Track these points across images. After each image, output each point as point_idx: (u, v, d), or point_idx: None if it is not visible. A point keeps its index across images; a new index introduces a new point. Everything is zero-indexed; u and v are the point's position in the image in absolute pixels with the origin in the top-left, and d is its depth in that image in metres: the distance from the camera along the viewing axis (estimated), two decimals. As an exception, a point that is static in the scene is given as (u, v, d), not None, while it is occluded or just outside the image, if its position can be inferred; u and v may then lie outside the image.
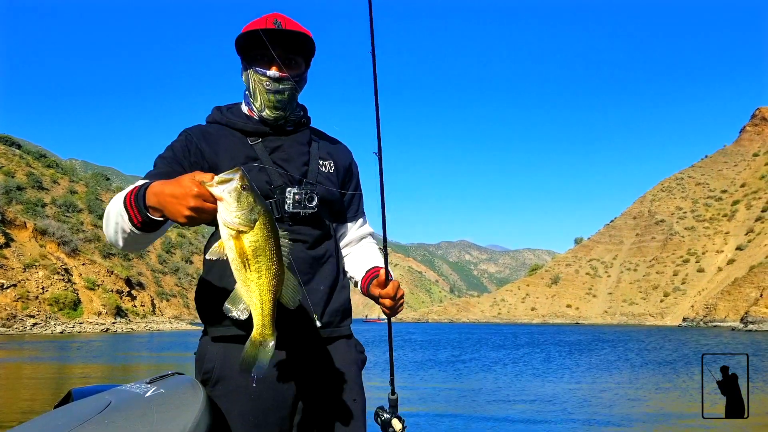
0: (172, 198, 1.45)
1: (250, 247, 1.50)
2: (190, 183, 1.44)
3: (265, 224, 1.50)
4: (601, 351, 38.98)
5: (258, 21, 1.93)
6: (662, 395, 17.17)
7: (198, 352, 1.96)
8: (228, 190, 1.46)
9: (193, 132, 1.99)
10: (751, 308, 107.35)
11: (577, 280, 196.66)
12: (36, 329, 63.07)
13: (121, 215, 1.62)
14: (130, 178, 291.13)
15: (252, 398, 1.83)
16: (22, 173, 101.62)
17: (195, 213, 1.45)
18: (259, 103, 1.98)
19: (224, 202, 1.46)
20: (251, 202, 1.48)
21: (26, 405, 12.94)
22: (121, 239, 1.67)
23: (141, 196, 1.57)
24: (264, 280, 1.52)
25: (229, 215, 1.47)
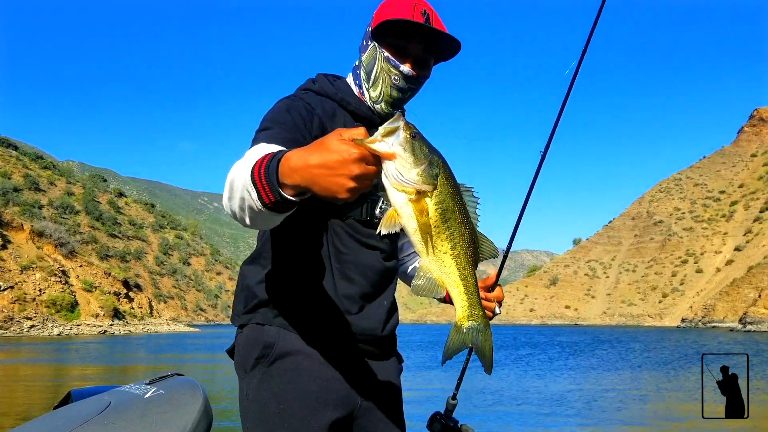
0: (326, 170, 1.16)
1: (437, 209, 1.26)
2: (344, 145, 1.16)
3: (448, 179, 1.27)
4: (601, 352, 39.02)
5: (401, 5, 1.72)
6: (662, 395, 17.19)
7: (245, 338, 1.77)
8: (398, 142, 1.21)
9: (313, 102, 1.76)
10: (750, 309, 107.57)
11: (575, 281, 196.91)
12: (33, 331, 62.90)
13: (248, 191, 1.30)
14: (127, 179, 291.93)
15: (316, 380, 1.69)
16: (19, 175, 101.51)
17: (359, 183, 1.17)
18: (378, 93, 1.79)
19: (396, 158, 1.21)
20: (427, 153, 1.24)
21: (24, 407, 12.86)
22: (248, 218, 1.37)
23: (273, 169, 1.25)
24: (460, 250, 1.30)
25: (405, 174, 1.22)
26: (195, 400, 2.26)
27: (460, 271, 1.31)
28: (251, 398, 1.69)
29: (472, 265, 1.33)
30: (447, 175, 1.27)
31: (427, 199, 1.24)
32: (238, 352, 1.77)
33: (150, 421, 2.11)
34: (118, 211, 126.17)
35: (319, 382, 1.69)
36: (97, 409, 2.11)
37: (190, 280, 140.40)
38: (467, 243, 1.31)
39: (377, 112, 1.83)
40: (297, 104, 1.73)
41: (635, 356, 34.93)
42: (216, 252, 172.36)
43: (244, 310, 1.78)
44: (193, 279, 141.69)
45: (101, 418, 2.05)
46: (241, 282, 1.84)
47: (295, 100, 1.75)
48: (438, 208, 1.26)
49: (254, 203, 1.29)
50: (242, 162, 1.38)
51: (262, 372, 1.69)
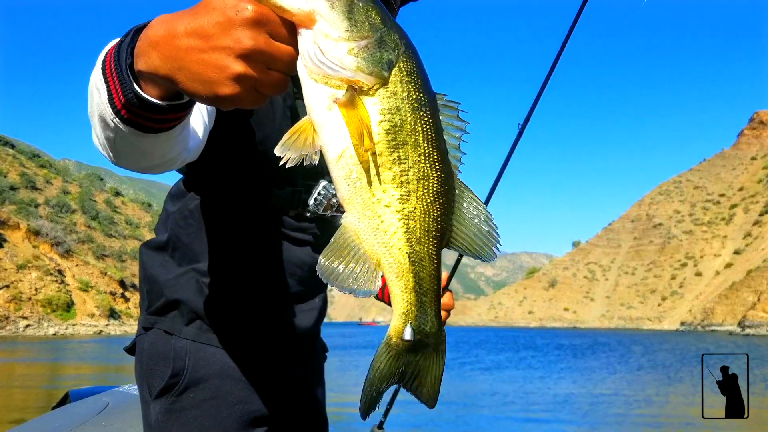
0: (199, 40, 0.73)
1: (383, 122, 0.78)
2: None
3: (411, 72, 0.79)
4: (601, 354, 39.27)
5: None
6: (663, 396, 17.29)
7: (149, 346, 1.46)
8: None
9: None
10: (749, 312, 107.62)
11: (574, 283, 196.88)
12: (29, 331, 62.77)
13: (98, 89, 0.87)
14: (123, 178, 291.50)
15: (237, 405, 1.42)
16: (15, 173, 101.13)
17: (252, 66, 0.74)
18: None
19: (319, 22, 0.75)
20: (378, 22, 0.78)
21: (20, 407, 12.82)
22: (105, 142, 0.94)
23: (125, 48, 0.82)
24: (416, 204, 0.81)
25: (332, 50, 0.75)
26: None
27: (410, 246, 0.81)
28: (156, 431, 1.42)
29: (434, 239, 0.83)
30: (410, 64, 0.79)
31: (366, 100, 0.77)
32: (141, 361, 1.48)
33: None
34: (115, 211, 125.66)
35: (239, 407, 1.41)
36: (95, 409, 2.14)
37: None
38: (432, 194, 0.81)
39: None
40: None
41: (635, 359, 35.36)
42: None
43: (150, 310, 1.48)
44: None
45: (100, 418, 2.08)
46: (144, 270, 1.53)
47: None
48: (385, 120, 0.78)
49: (105, 110, 0.86)
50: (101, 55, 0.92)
51: (170, 402, 1.39)
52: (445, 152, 0.81)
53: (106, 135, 0.91)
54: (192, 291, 1.44)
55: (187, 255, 1.46)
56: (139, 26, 0.82)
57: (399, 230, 0.80)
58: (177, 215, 1.48)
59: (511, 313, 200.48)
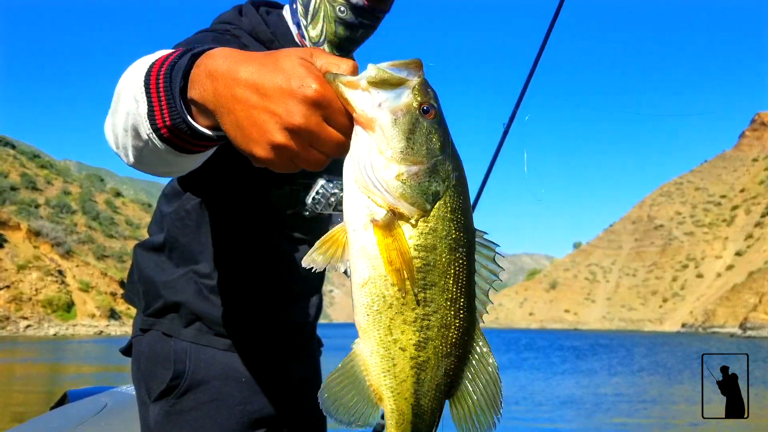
0: (256, 95, 0.71)
1: (417, 258, 0.73)
2: (303, 69, 0.71)
3: (456, 210, 0.74)
4: (603, 355, 39.24)
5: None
6: (663, 396, 17.47)
7: (149, 348, 1.45)
8: (393, 106, 0.72)
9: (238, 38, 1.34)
10: (750, 314, 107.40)
11: (575, 285, 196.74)
12: (29, 331, 62.71)
13: (136, 100, 0.85)
14: (124, 179, 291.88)
15: (237, 407, 1.42)
16: (16, 173, 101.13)
17: (295, 143, 0.71)
18: (318, 31, 1.35)
19: (376, 133, 0.72)
20: (436, 149, 0.74)
21: (20, 407, 12.73)
22: (131, 149, 0.91)
23: (181, 69, 0.80)
24: (431, 354, 0.76)
25: (382, 168, 0.71)
26: None
27: (416, 399, 0.77)
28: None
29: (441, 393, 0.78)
30: (456, 200, 0.75)
31: (406, 229, 0.73)
32: (140, 362, 1.47)
33: None
34: (115, 211, 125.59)
35: (240, 408, 1.41)
36: (93, 410, 2.13)
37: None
38: (450, 346, 0.76)
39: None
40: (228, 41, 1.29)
41: (637, 360, 35.38)
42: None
43: (148, 311, 1.48)
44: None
45: (98, 419, 2.07)
46: (140, 272, 1.52)
47: (224, 35, 1.32)
48: (419, 258, 0.73)
49: (141, 124, 0.84)
50: (139, 62, 0.93)
51: (170, 404, 1.39)
52: (473, 298, 0.77)
53: (133, 144, 0.89)
54: (191, 292, 1.43)
55: (184, 256, 1.44)
56: (196, 51, 0.80)
57: (409, 378, 0.75)
58: (173, 216, 1.45)
59: (511, 314, 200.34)
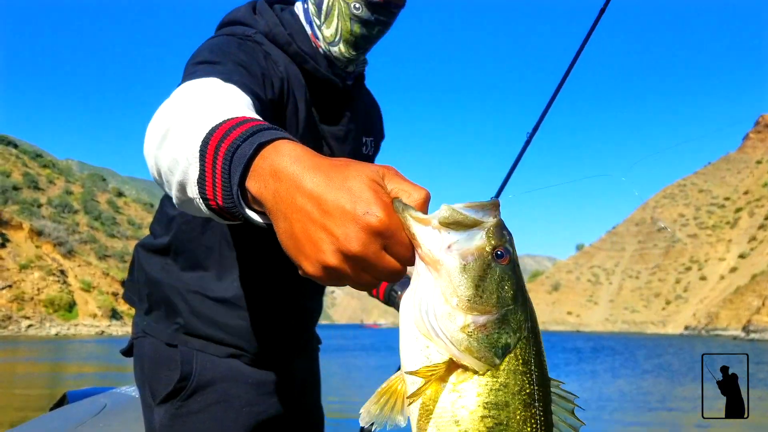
0: (317, 210, 0.67)
1: (487, 417, 0.66)
2: (371, 193, 0.66)
3: (528, 363, 0.68)
4: (606, 357, 39.26)
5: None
6: (664, 397, 17.60)
7: (153, 349, 1.43)
8: (465, 251, 0.66)
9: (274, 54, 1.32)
10: (753, 317, 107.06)
11: (578, 287, 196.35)
12: (31, 331, 62.72)
13: (188, 161, 0.80)
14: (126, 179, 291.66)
15: (244, 408, 1.41)
16: (18, 173, 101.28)
17: (348, 268, 0.67)
18: (333, 30, 1.34)
19: (443, 276, 0.66)
20: (509, 298, 0.68)
21: (21, 407, 12.68)
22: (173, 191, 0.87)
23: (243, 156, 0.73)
24: None
25: (445, 316, 0.65)
26: None
27: None
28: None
29: None
30: (529, 351, 0.69)
31: (469, 384, 0.66)
32: (143, 364, 1.45)
33: None
34: (117, 211, 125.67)
35: (246, 410, 1.40)
36: (92, 410, 2.13)
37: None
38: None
39: (334, 59, 1.39)
40: (252, 48, 1.28)
41: (640, 362, 35.30)
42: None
43: (152, 314, 1.47)
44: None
45: (97, 420, 2.07)
46: (144, 273, 1.49)
47: (246, 42, 1.30)
48: (489, 417, 0.66)
49: (190, 187, 0.81)
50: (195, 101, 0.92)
51: (176, 407, 1.36)
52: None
53: (176, 196, 0.86)
54: (197, 298, 1.41)
55: (191, 260, 1.42)
56: (263, 140, 0.73)
57: None
58: (180, 219, 1.42)
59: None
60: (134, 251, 1.53)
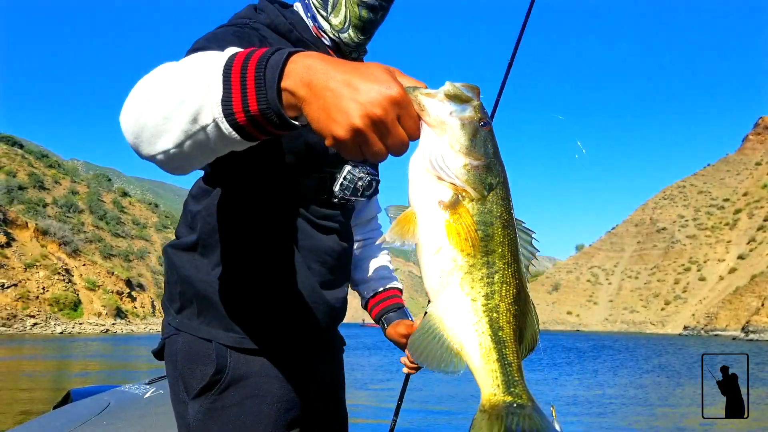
0: (347, 89, 0.83)
1: (480, 228, 0.89)
2: (388, 76, 0.85)
3: (505, 198, 0.91)
4: (606, 357, 39.28)
5: None
6: (664, 397, 17.45)
7: (187, 345, 1.45)
8: (461, 115, 0.88)
9: (271, 38, 1.41)
10: (753, 317, 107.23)
11: (577, 287, 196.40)
12: (36, 329, 63.06)
13: (207, 87, 0.90)
14: (131, 179, 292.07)
15: (275, 404, 1.43)
16: (24, 173, 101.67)
17: (372, 131, 0.83)
18: (341, 18, 1.44)
19: (447, 134, 0.87)
20: (491, 153, 0.90)
21: (24, 405, 12.81)
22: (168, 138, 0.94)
23: (277, 62, 0.87)
24: (500, 301, 0.91)
25: (451, 160, 0.88)
26: None
27: (494, 332, 0.90)
28: (195, 430, 1.40)
29: (514, 330, 0.92)
30: (504, 192, 0.91)
31: (469, 206, 0.88)
32: (176, 362, 1.45)
33: (149, 421, 2.15)
34: (122, 211, 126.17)
35: (277, 405, 1.42)
36: (96, 408, 2.11)
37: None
38: (512, 297, 0.91)
39: (343, 45, 1.48)
40: (248, 34, 1.35)
41: (640, 362, 35.31)
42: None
43: (184, 311, 1.48)
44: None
45: (101, 418, 2.04)
46: (177, 272, 1.49)
47: (244, 29, 1.36)
48: (480, 229, 0.89)
49: (210, 109, 0.89)
50: (187, 60, 0.98)
51: (211, 401, 1.39)
52: (521, 266, 0.93)
53: (182, 128, 0.92)
54: (226, 290, 1.43)
55: (218, 253, 1.44)
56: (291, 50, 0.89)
57: (483, 319, 0.89)
58: (204, 213, 1.44)
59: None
60: (164, 254, 1.55)
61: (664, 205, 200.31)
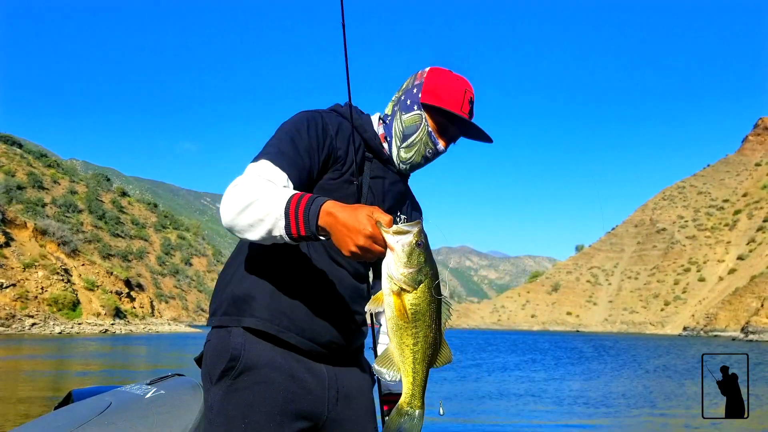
0: (344, 228, 1.42)
1: (411, 309, 1.43)
2: (366, 220, 1.40)
3: (429, 288, 1.44)
4: (607, 357, 39.45)
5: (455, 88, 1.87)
6: (664, 397, 17.55)
7: (212, 346, 1.79)
8: (402, 242, 1.41)
9: (331, 121, 1.84)
10: (752, 318, 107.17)
11: (577, 287, 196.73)
12: (35, 329, 62.90)
13: (276, 218, 1.51)
14: (130, 179, 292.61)
15: (282, 392, 1.72)
16: (23, 173, 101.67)
17: (361, 252, 1.41)
18: (410, 156, 1.92)
19: (394, 253, 1.41)
20: (421, 261, 1.42)
21: (24, 405, 12.80)
22: (253, 234, 1.55)
23: (314, 212, 1.48)
24: (419, 348, 1.46)
25: (395, 269, 1.41)
26: (196, 401, 2.30)
27: (413, 365, 1.47)
28: (216, 410, 1.71)
29: (426, 363, 1.48)
30: (430, 285, 1.43)
31: (406, 297, 1.42)
32: (206, 361, 1.79)
33: (151, 421, 2.13)
34: (121, 211, 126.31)
35: (284, 394, 1.71)
36: (98, 409, 2.12)
37: (192, 280, 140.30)
38: (428, 345, 1.46)
39: (399, 169, 1.96)
40: (317, 121, 1.81)
41: (640, 361, 35.34)
42: (218, 253, 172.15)
43: (214, 311, 1.84)
44: (194, 279, 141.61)
45: (102, 418, 2.06)
46: (221, 282, 1.88)
47: (315, 117, 1.83)
48: (412, 309, 1.43)
49: (277, 229, 1.51)
50: (263, 186, 1.56)
51: (227, 385, 1.71)
52: (440, 324, 1.49)
53: (259, 234, 1.54)
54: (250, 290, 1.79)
55: (248, 261, 1.82)
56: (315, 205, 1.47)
57: (410, 357, 1.46)
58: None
59: (513, 316, 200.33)
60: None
61: (664, 205, 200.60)
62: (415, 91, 1.89)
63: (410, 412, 1.50)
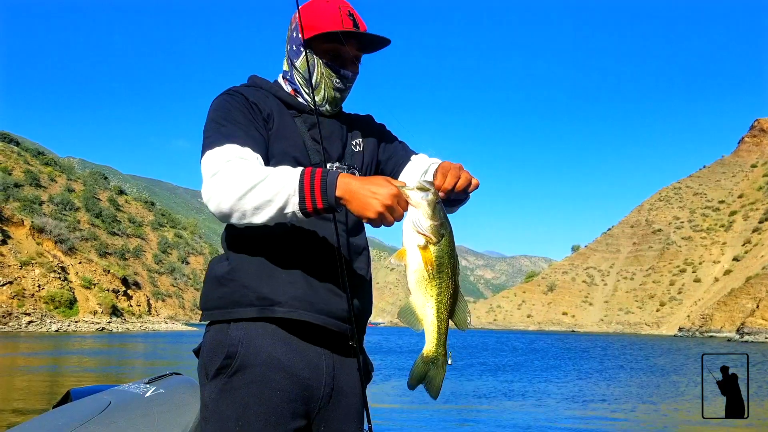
0: (369, 191, 1.47)
1: (436, 260, 1.52)
2: (389, 183, 1.48)
3: (451, 242, 1.55)
4: (603, 357, 39.39)
5: (328, 10, 1.83)
6: (664, 397, 17.51)
7: (210, 339, 1.74)
8: (427, 198, 1.51)
9: (241, 90, 1.84)
10: (747, 319, 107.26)
11: (573, 287, 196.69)
12: (31, 327, 62.73)
13: (288, 194, 1.52)
14: (127, 177, 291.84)
15: (278, 392, 1.68)
16: (20, 170, 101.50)
17: (387, 211, 1.47)
18: (322, 96, 1.90)
19: (420, 209, 1.51)
20: (443, 216, 1.53)
21: (22, 404, 12.78)
22: (258, 217, 1.56)
23: (332, 182, 1.51)
24: (443, 297, 1.55)
25: (423, 222, 1.50)
26: (195, 400, 2.30)
27: (438, 314, 1.56)
28: (211, 409, 1.68)
29: (447, 314, 1.56)
30: (451, 238, 1.55)
31: (431, 248, 1.52)
32: (203, 355, 1.75)
33: (152, 420, 2.16)
34: (118, 209, 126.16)
35: (281, 394, 1.67)
36: (97, 408, 2.14)
37: (189, 278, 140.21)
38: (449, 295, 1.56)
39: (325, 111, 1.93)
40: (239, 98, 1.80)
41: (637, 361, 35.31)
42: (215, 251, 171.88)
43: (207, 304, 1.79)
44: (191, 278, 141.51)
45: (103, 417, 2.07)
46: (208, 276, 1.84)
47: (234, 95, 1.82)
48: (437, 259, 1.53)
49: (289, 205, 1.52)
50: (259, 168, 1.58)
51: (223, 383, 1.68)
52: (458, 277, 1.59)
53: (268, 216, 1.54)
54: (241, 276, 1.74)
55: (234, 245, 1.79)
56: (331, 177, 1.52)
57: (434, 306, 1.56)
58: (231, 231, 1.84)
59: (509, 316, 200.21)
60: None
61: (660, 206, 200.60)
62: (295, 34, 1.88)
63: (435, 360, 1.58)
